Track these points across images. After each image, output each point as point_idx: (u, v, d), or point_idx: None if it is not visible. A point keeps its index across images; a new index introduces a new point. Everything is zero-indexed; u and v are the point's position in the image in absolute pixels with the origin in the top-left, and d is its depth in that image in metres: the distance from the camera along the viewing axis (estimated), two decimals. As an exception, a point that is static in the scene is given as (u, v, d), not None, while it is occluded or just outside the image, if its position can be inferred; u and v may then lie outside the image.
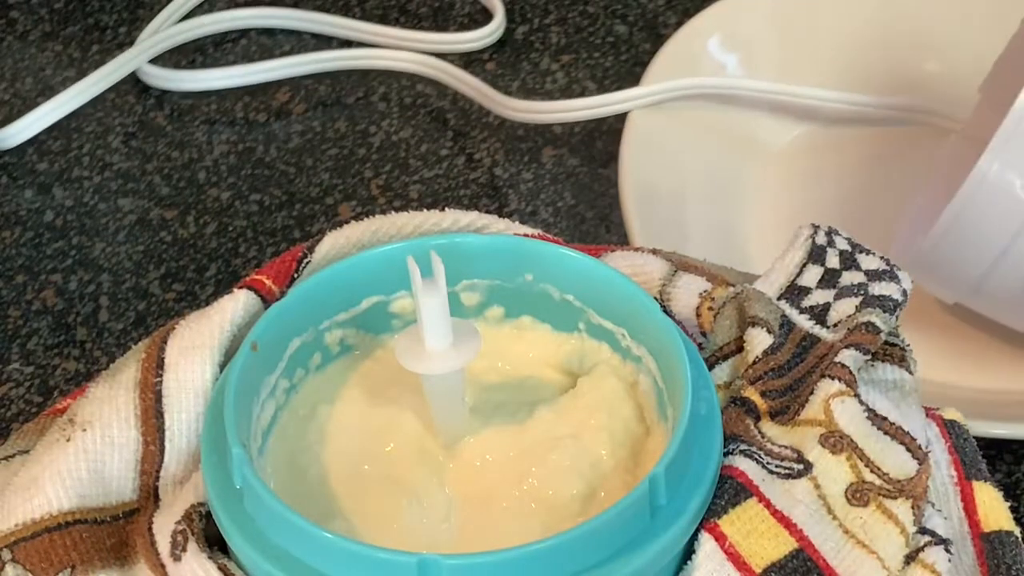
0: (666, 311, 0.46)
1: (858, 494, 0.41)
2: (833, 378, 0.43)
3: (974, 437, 0.46)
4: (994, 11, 0.60)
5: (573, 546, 0.38)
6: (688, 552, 0.40)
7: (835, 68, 0.74)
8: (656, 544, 0.39)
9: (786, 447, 0.42)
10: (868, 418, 0.42)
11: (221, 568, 0.40)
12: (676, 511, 0.39)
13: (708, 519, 0.40)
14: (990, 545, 0.42)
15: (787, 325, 0.45)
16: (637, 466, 0.43)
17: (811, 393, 0.42)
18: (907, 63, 0.74)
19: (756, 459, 0.41)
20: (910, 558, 0.41)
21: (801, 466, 0.41)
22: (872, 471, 0.41)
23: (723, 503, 0.40)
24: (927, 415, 0.45)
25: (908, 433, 0.42)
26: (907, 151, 0.71)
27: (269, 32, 0.79)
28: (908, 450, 0.42)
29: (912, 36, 0.74)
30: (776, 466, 0.41)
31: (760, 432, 0.42)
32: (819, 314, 0.45)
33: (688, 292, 0.46)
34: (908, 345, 0.45)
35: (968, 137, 0.65)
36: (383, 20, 0.80)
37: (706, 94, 0.71)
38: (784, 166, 0.71)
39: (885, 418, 0.42)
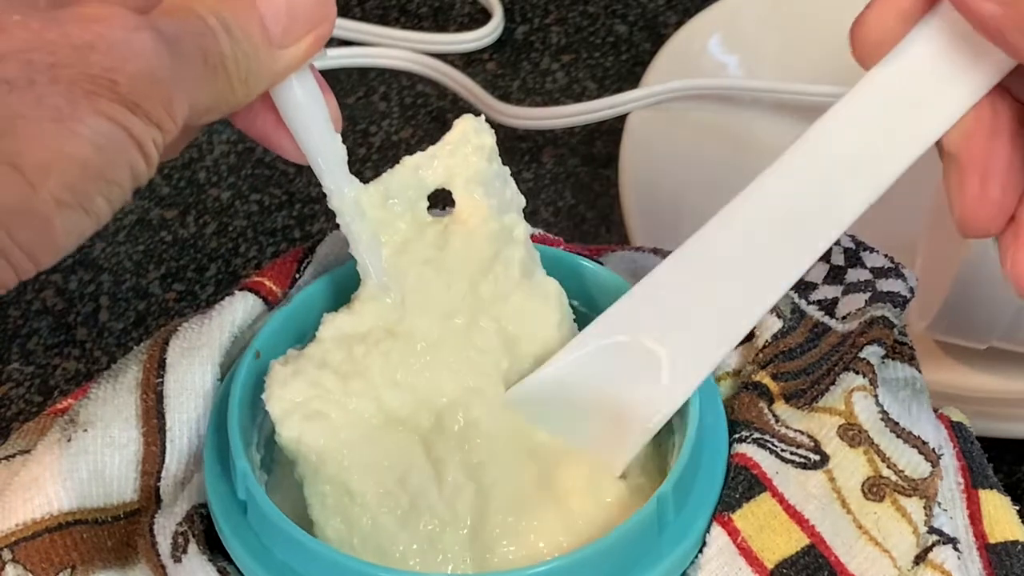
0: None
1: (874, 488, 0.41)
2: (857, 372, 0.43)
3: (976, 438, 0.46)
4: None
5: (580, 567, 0.37)
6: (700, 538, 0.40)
7: (835, 68, 0.73)
8: (665, 562, 0.39)
9: (801, 432, 0.42)
10: (882, 419, 0.42)
11: (221, 571, 0.40)
12: (684, 526, 0.39)
13: (721, 512, 0.40)
14: (997, 556, 0.42)
15: (798, 312, 0.45)
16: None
17: (832, 383, 0.43)
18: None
19: (770, 448, 0.41)
20: (919, 558, 0.41)
21: (817, 457, 0.41)
22: (888, 467, 0.41)
23: (737, 496, 0.40)
24: (936, 416, 0.45)
25: (919, 437, 0.42)
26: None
27: (269, 32, 0.79)
28: (921, 453, 0.42)
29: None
30: (791, 453, 0.41)
31: (774, 415, 0.42)
32: (828, 307, 0.46)
33: (689, 292, 0.46)
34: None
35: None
36: (383, 20, 0.80)
37: (706, 94, 0.71)
38: (784, 166, 0.71)
39: (897, 423, 0.42)
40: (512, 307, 0.42)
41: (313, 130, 0.40)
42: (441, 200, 0.43)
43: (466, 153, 0.42)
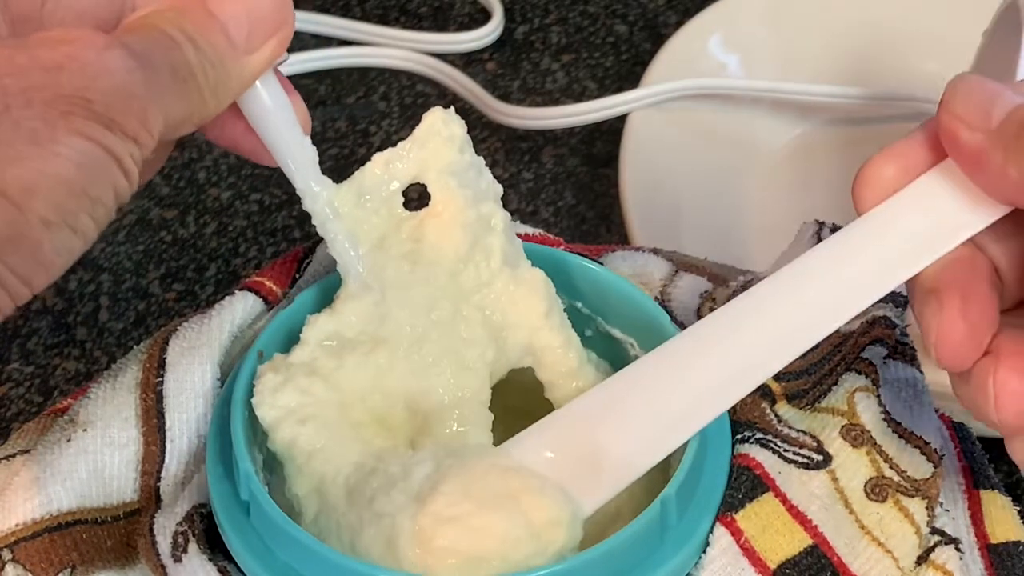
0: (666, 311, 0.45)
1: (877, 489, 0.41)
2: (859, 372, 0.43)
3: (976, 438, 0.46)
4: (994, 11, 0.60)
5: (582, 570, 0.37)
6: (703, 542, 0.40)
7: (835, 68, 0.74)
8: (668, 565, 0.39)
9: (804, 432, 0.42)
10: (884, 419, 0.42)
11: (221, 570, 0.40)
12: (687, 530, 0.39)
13: (724, 513, 0.40)
14: (999, 557, 0.42)
15: None
16: None
17: (834, 383, 0.43)
18: (907, 63, 0.74)
19: (772, 448, 0.41)
20: (921, 559, 0.41)
21: (820, 457, 0.41)
22: (891, 467, 0.41)
23: (740, 496, 0.40)
24: (937, 416, 0.45)
25: (921, 437, 0.42)
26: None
27: (269, 32, 0.79)
28: (923, 453, 0.42)
29: (912, 36, 0.74)
30: (794, 454, 0.41)
31: (776, 415, 0.42)
32: None
33: (689, 293, 0.46)
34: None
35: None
36: (383, 20, 0.80)
37: (706, 94, 0.71)
38: (784, 166, 0.71)
39: (899, 423, 0.42)
40: (495, 295, 0.42)
41: (282, 134, 0.40)
42: (418, 195, 0.43)
43: (436, 145, 0.42)
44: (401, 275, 0.42)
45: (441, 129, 0.42)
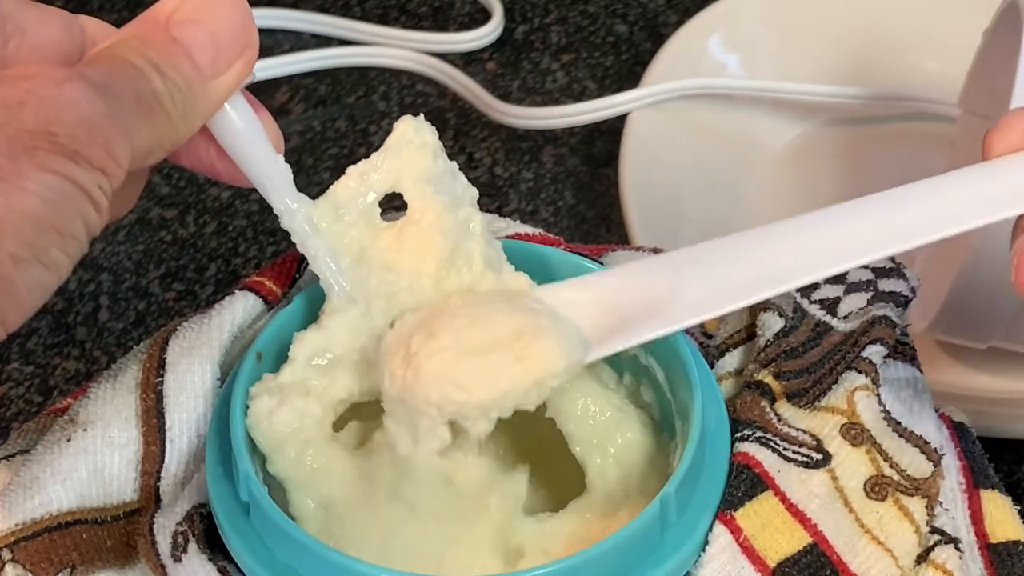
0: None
1: (876, 487, 0.41)
2: (860, 371, 0.43)
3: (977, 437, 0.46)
4: (994, 11, 0.60)
5: (583, 568, 0.38)
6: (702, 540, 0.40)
7: (835, 68, 0.74)
8: (668, 563, 0.39)
9: (803, 431, 0.42)
10: (884, 418, 0.42)
11: (221, 570, 0.40)
12: (687, 528, 0.39)
13: (724, 511, 0.40)
14: (998, 556, 0.42)
15: (800, 311, 0.45)
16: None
17: (834, 382, 0.43)
18: (908, 63, 0.74)
19: (772, 447, 0.41)
20: (921, 558, 0.41)
21: (819, 456, 0.41)
22: (891, 466, 0.41)
23: (739, 495, 0.40)
24: (938, 416, 0.45)
25: (921, 437, 0.42)
26: (907, 151, 0.71)
27: (269, 31, 0.79)
28: (923, 453, 0.42)
29: (912, 36, 0.74)
30: (793, 452, 0.41)
31: (776, 414, 0.42)
32: (829, 307, 0.46)
33: (689, 292, 0.46)
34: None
35: (958, 151, 0.65)
36: (383, 20, 0.80)
37: (706, 94, 0.71)
38: (784, 166, 0.71)
39: (899, 422, 0.43)
40: None
41: (254, 154, 0.40)
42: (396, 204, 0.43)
43: (410, 153, 0.42)
44: (384, 285, 0.42)
45: (413, 137, 0.42)
